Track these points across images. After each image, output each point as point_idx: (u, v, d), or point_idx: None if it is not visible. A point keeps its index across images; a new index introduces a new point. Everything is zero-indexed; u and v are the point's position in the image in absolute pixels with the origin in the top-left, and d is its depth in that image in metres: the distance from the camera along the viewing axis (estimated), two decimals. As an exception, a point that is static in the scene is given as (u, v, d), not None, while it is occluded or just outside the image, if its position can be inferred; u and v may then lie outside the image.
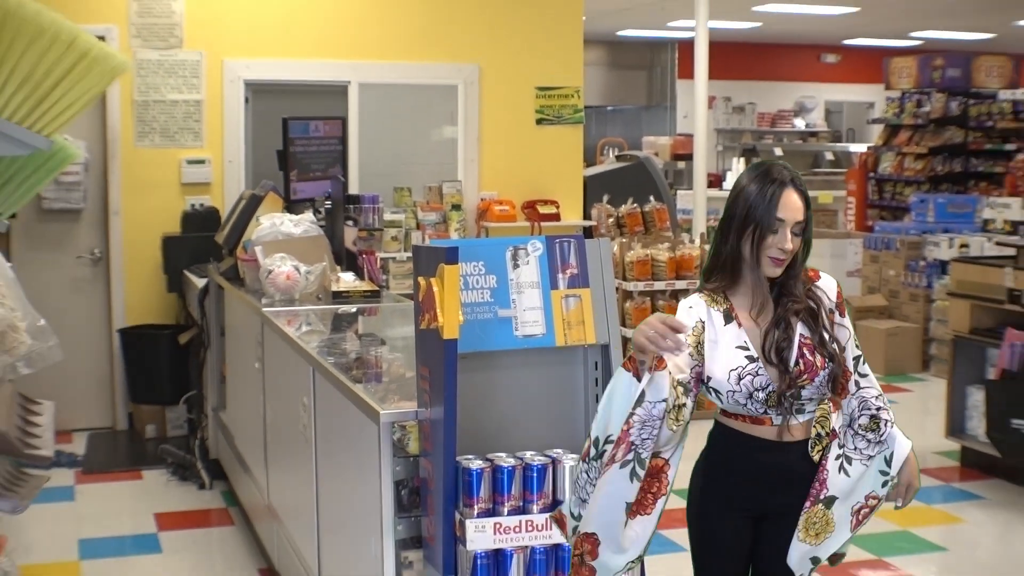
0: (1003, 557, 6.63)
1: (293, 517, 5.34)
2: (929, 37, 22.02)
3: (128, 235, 9.25)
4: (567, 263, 3.59)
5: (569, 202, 10.01)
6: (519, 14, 9.80)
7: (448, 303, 3.28)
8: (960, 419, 8.05)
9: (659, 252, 9.54)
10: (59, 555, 6.52)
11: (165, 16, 9.24)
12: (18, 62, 2.42)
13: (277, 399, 5.66)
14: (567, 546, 3.35)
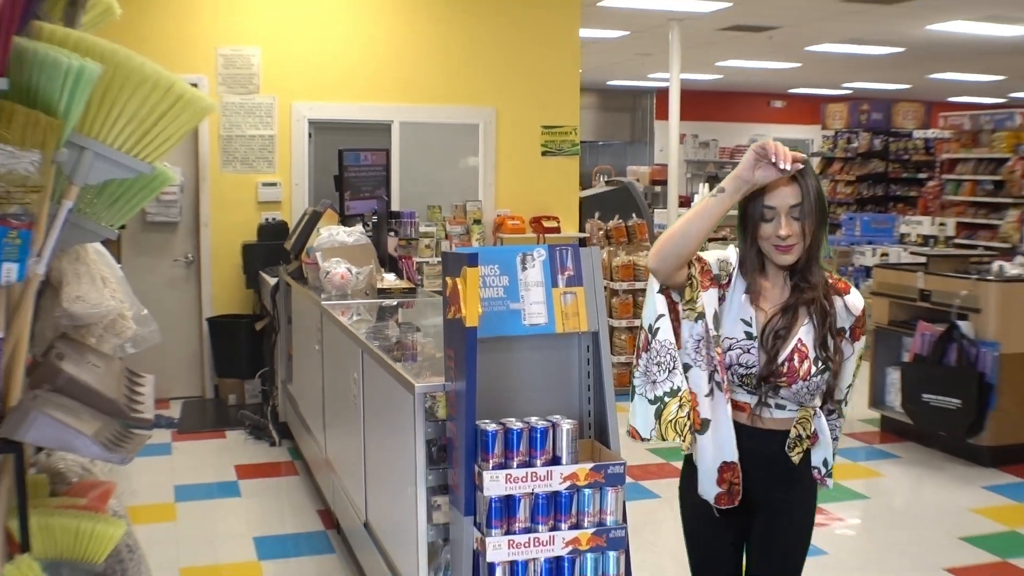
0: (913, 503, 6.65)
1: (345, 469, 5.34)
2: (857, 87, 22.04)
3: (214, 243, 9.25)
4: (565, 266, 3.58)
5: (567, 218, 10.01)
6: (528, 67, 9.79)
7: (469, 298, 3.28)
8: (881, 393, 8.07)
9: (639, 258, 9.55)
10: (159, 498, 6.53)
11: (245, 68, 9.24)
12: (126, 104, 2.42)
13: (333, 374, 5.67)
14: (564, 492, 3.35)
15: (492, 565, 3.31)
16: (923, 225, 13.50)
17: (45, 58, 2.29)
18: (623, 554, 3.45)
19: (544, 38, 9.86)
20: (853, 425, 8.38)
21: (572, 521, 3.37)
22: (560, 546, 3.35)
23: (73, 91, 2.31)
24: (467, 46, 9.69)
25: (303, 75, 9.35)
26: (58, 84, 2.30)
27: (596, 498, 3.39)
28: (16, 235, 2.31)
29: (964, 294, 7.24)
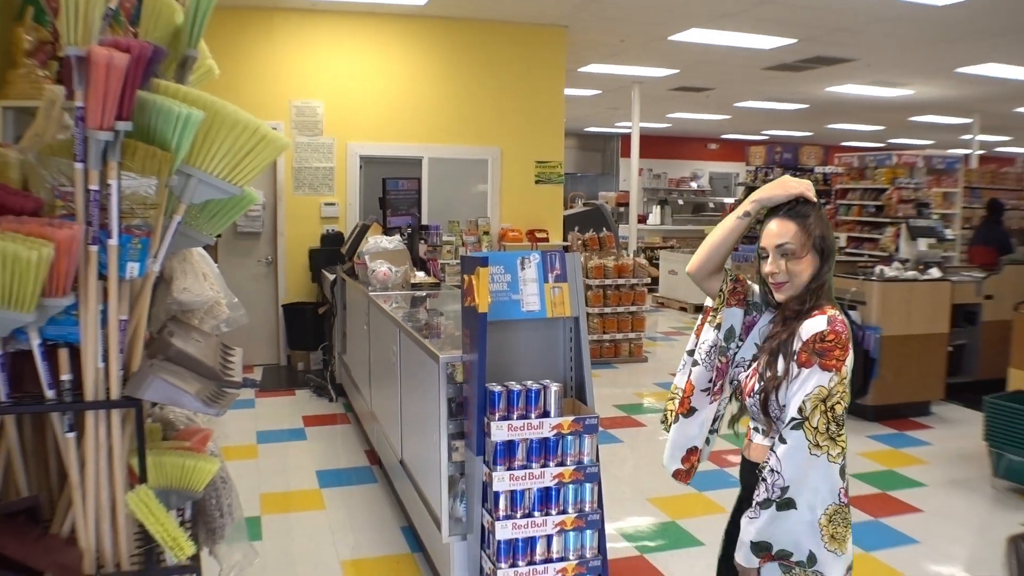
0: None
1: (385, 419, 5.32)
2: (773, 134, 22.01)
3: (288, 248, 9.24)
4: (554, 267, 3.56)
5: (554, 231, 10.00)
6: (525, 117, 9.79)
7: (481, 290, 3.27)
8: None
9: (608, 261, 9.53)
10: (245, 441, 6.51)
11: (312, 116, 9.20)
12: (223, 141, 2.41)
13: (377, 347, 5.65)
14: (552, 438, 3.34)
15: (497, 493, 3.31)
16: (822, 238, 13.47)
17: (161, 107, 2.27)
18: (596, 485, 3.45)
19: (537, 95, 9.84)
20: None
21: (558, 460, 3.37)
22: (549, 479, 3.34)
23: (182, 132, 2.29)
24: (479, 101, 9.67)
25: (355, 122, 9.33)
26: (171, 127, 2.28)
27: (576, 443, 3.38)
28: (138, 241, 2.29)
29: (853, 290, 7.21)
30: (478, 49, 9.63)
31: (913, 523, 5.02)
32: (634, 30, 9.89)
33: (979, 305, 7.98)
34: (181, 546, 2.22)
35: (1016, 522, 5.01)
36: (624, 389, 8.39)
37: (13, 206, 2.20)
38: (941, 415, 7.44)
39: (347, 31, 9.25)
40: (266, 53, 9.08)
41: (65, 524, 2.35)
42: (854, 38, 9.87)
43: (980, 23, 8.98)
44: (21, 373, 2.30)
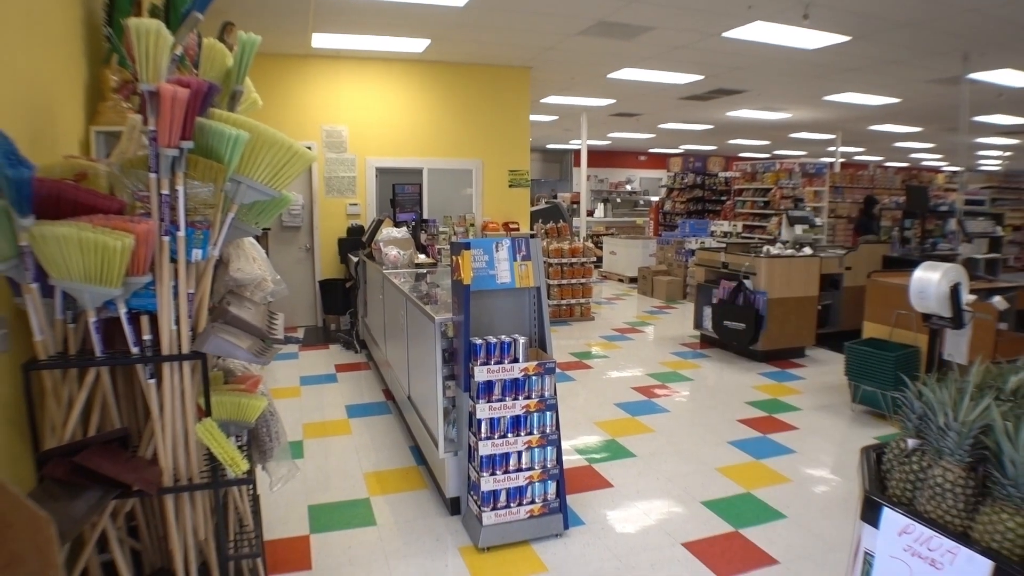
0: (718, 382, 6.61)
1: (397, 365, 5.30)
2: (688, 148, 21.93)
3: (322, 238, 9.13)
4: (521, 249, 3.53)
5: (524, 223, 9.94)
6: (501, 136, 9.71)
7: (465, 267, 3.23)
8: (700, 321, 8.05)
9: (564, 245, 9.50)
10: (290, 383, 6.47)
11: (339, 137, 9.08)
12: (264, 156, 2.36)
13: (390, 311, 5.60)
14: (520, 378, 3.32)
15: (479, 420, 3.30)
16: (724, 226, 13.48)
17: (216, 130, 2.23)
18: (554, 413, 3.45)
19: (509, 119, 9.74)
20: (685, 338, 8.39)
21: (525, 395, 3.36)
22: (519, 409, 3.33)
23: (232, 149, 2.25)
24: (465, 124, 9.56)
25: (373, 141, 9.20)
26: (223, 145, 2.24)
27: (539, 381, 3.37)
28: (200, 233, 2.25)
29: (747, 264, 7.23)
30: (464, 85, 9.51)
31: (792, 438, 5.06)
32: (581, 70, 9.81)
33: (841, 274, 8.03)
34: (238, 463, 2.19)
35: (870, 436, 5.07)
36: (577, 340, 8.39)
37: (103, 207, 2.16)
38: (813, 357, 7.50)
39: (365, 72, 9.12)
40: (303, 89, 8.94)
41: (148, 449, 2.32)
42: (746, 74, 9.84)
43: (841, 62, 8.97)
44: (113, 335, 2.26)
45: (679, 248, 12.12)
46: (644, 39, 7.89)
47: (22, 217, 2.00)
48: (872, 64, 9.04)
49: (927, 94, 11.16)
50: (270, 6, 6.82)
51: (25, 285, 2.13)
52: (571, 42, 8.12)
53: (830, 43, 7.85)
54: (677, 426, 5.30)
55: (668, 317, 10.04)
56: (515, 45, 8.45)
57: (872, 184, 15.07)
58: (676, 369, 6.97)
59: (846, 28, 7.34)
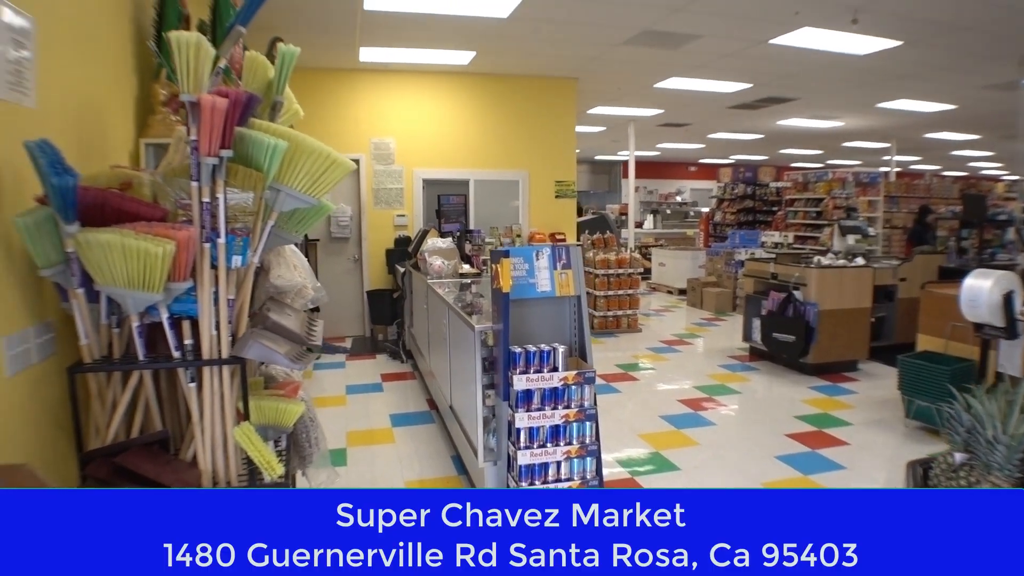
0: (767, 395, 6.48)
1: (439, 375, 5.31)
2: (738, 158, 21.66)
3: (370, 249, 9.24)
4: (561, 257, 3.51)
5: (570, 234, 9.92)
6: (547, 147, 9.72)
7: (504, 275, 3.23)
8: (749, 333, 7.89)
9: (611, 256, 9.44)
10: (336, 392, 6.54)
11: (386, 149, 9.20)
12: (303, 165, 2.39)
13: (433, 321, 5.62)
14: (560, 387, 3.30)
15: (519, 429, 3.28)
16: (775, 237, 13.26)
17: (255, 139, 2.26)
18: (594, 423, 3.41)
19: (555, 130, 9.75)
20: (733, 351, 8.24)
21: (564, 404, 3.33)
22: (558, 418, 3.30)
23: (271, 158, 2.28)
24: (511, 136, 9.60)
25: (420, 153, 9.30)
26: (262, 154, 2.27)
27: (579, 391, 3.34)
28: (240, 240, 2.29)
29: (797, 275, 7.08)
30: (510, 96, 9.55)
31: (842, 453, 4.92)
32: (628, 80, 9.77)
33: (895, 286, 7.81)
34: (274, 468, 2.21)
35: (923, 452, 4.90)
36: (624, 352, 8.32)
37: (146, 214, 2.21)
38: (865, 371, 7.29)
39: (412, 85, 9.22)
40: (351, 102, 9.08)
41: (188, 451, 2.36)
42: (795, 82, 9.68)
43: (894, 68, 8.76)
44: (156, 339, 2.31)
45: (729, 259, 11.95)
46: (690, 48, 7.82)
47: (67, 224, 2.05)
48: (925, 70, 8.81)
49: (983, 100, 10.83)
50: (318, 22, 6.95)
51: (72, 290, 2.19)
52: (617, 52, 8.10)
53: (880, 48, 7.67)
54: (723, 439, 5.20)
55: (717, 329, 9.89)
56: (560, 56, 8.45)
57: (928, 193, 14.68)
58: (724, 382, 6.84)
59: (896, 33, 7.17)
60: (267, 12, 6.66)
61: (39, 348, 2.28)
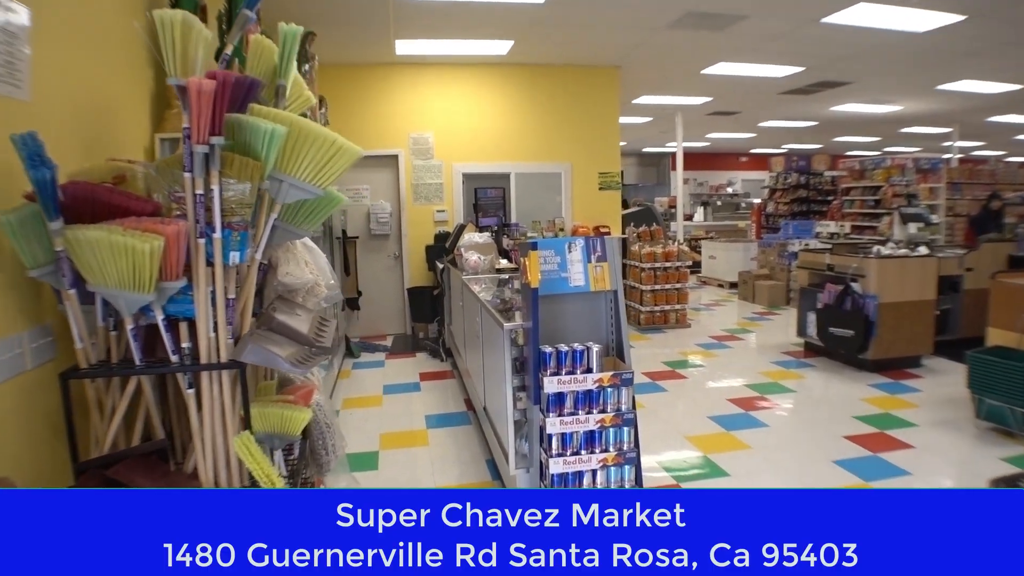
0: (823, 394, 6.14)
1: (475, 374, 5.13)
2: (790, 147, 21.02)
3: (411, 246, 9.11)
4: (595, 249, 3.28)
5: (615, 227, 9.60)
6: (590, 138, 9.45)
7: (532, 269, 3.03)
8: (804, 327, 7.53)
9: (657, 249, 9.14)
10: (374, 392, 6.42)
11: (425, 144, 9.06)
12: (307, 152, 2.26)
13: (468, 319, 5.46)
14: (595, 390, 3.08)
15: (550, 435, 3.07)
16: (830, 227, 12.76)
17: (252, 125, 2.11)
18: (632, 428, 3.17)
19: (598, 120, 9.47)
20: (787, 347, 7.89)
21: (600, 408, 3.11)
22: (593, 423, 3.08)
23: (269, 145, 2.13)
24: (553, 127, 9.36)
25: (459, 147, 9.14)
26: (260, 141, 2.13)
27: (615, 393, 3.12)
28: (238, 235, 2.13)
29: (855, 266, 6.71)
30: (551, 87, 9.32)
31: (906, 457, 4.58)
32: (673, 67, 9.45)
33: (961, 276, 7.37)
34: (273, 481, 2.04)
35: (996, 456, 4.54)
36: (672, 349, 8.03)
37: (136, 209, 2.07)
38: (930, 367, 6.87)
39: (449, 77, 9.06)
40: (389, 97, 8.96)
41: (190, 462, 2.21)
42: (851, 64, 9.23)
43: (956, 45, 8.28)
44: (154, 343, 2.17)
45: (782, 251, 11.53)
46: (737, 29, 7.48)
47: (50, 220, 1.92)
48: (990, 46, 8.30)
49: (1057, 78, 10.23)
50: (351, 14, 6.83)
51: (64, 291, 2.06)
52: (659, 36, 7.80)
53: (942, 24, 7.23)
54: (777, 442, 4.90)
55: (770, 324, 9.51)
56: (600, 43, 8.19)
57: (993, 179, 14.00)
58: (777, 380, 6.52)
59: (960, 6, 6.73)
60: (299, 6, 6.58)
61: (35, 353, 2.16)
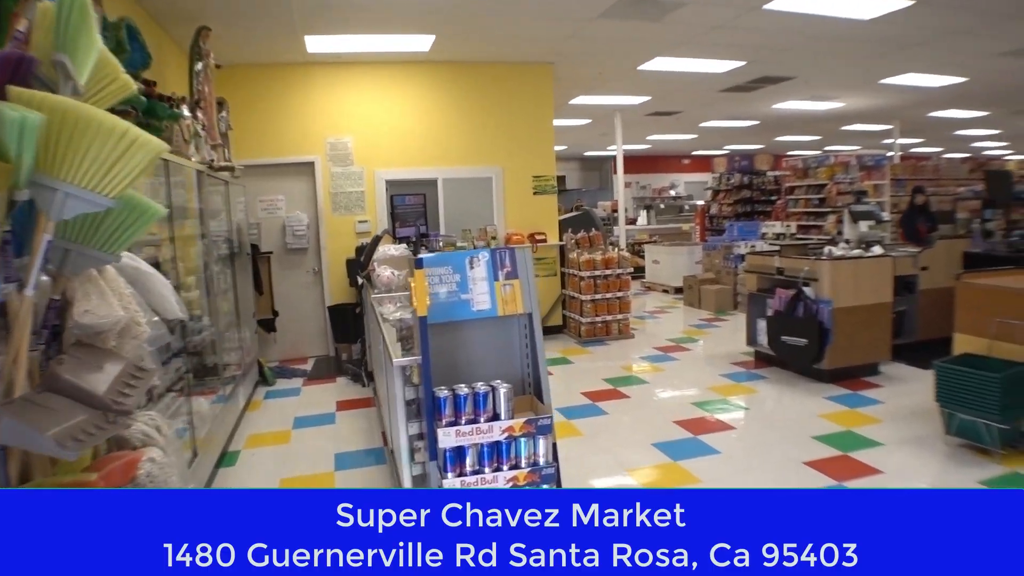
0: (777, 410, 5.66)
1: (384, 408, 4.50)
2: (733, 148, 20.86)
3: (330, 260, 8.43)
4: (504, 264, 2.69)
5: (551, 233, 9.07)
6: (522, 140, 8.89)
7: (418, 294, 2.42)
8: (753, 336, 7.08)
9: (596, 255, 8.62)
10: (282, 427, 5.73)
11: (344, 150, 8.39)
12: (88, 149, 1.70)
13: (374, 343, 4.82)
14: (503, 441, 2.48)
15: (453, 499, 2.46)
16: (775, 227, 12.45)
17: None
18: (555, 484, 2.58)
19: (532, 121, 8.92)
20: (737, 356, 7.43)
21: (511, 463, 2.50)
22: (503, 483, 2.48)
23: (21, 139, 1.51)
24: (483, 129, 8.78)
25: (381, 152, 8.49)
26: (11, 135, 1.51)
27: (530, 445, 2.52)
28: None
29: (807, 269, 6.26)
30: (479, 86, 8.74)
31: (876, 484, 4.09)
32: (608, 62, 8.96)
33: (916, 276, 7.00)
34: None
35: (973, 479, 4.08)
36: (613, 363, 7.51)
37: None
38: (889, 374, 6.47)
39: (369, 77, 8.42)
40: (303, 100, 8.27)
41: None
42: (793, 57, 8.87)
43: (902, 35, 7.97)
44: None
45: (727, 254, 11.14)
46: (675, 18, 7.01)
47: None
48: (936, 35, 8.01)
49: (998, 70, 10.04)
50: (249, 7, 6.15)
51: None
52: (592, 27, 7.28)
53: (888, 10, 6.87)
54: (730, 472, 4.37)
55: (717, 331, 9.07)
56: (528, 36, 7.64)
57: (937, 175, 13.92)
58: (727, 396, 6.03)
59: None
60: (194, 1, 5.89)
61: None
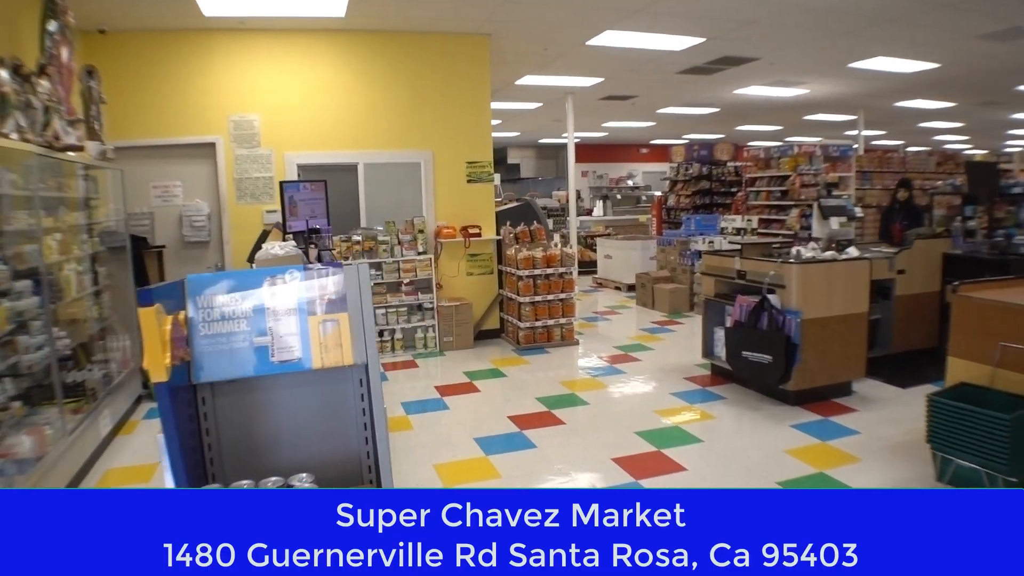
0: (737, 445, 4.79)
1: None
2: (691, 136, 20.12)
3: (235, 254, 7.38)
4: (325, 288, 1.75)
5: (487, 226, 8.13)
6: (455, 122, 7.91)
7: (150, 345, 1.45)
8: (711, 347, 6.23)
9: (536, 252, 7.69)
10: (150, 459, 4.69)
11: (249, 129, 7.34)
12: None
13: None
14: None
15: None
16: (736, 221, 11.65)
17: None
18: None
19: (466, 100, 7.94)
20: (691, 370, 6.58)
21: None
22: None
23: None
24: (409, 108, 7.79)
25: (292, 132, 7.45)
26: None
27: None
28: None
29: (772, 274, 5.40)
30: (404, 59, 7.73)
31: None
32: (553, 35, 8.03)
33: (892, 281, 6.20)
34: None
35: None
36: (551, 376, 6.61)
37: None
38: (863, 394, 5.65)
39: (278, 47, 7.37)
40: (201, 72, 7.19)
41: None
42: (756, 33, 8.04)
43: (872, 12, 7.19)
44: None
45: (683, 250, 10.31)
46: (623, -18, 6.10)
47: None
48: (913, 11, 7.23)
49: (973, 55, 9.36)
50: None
51: None
52: (529, -9, 6.34)
53: (867, -23, 6.05)
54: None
55: (671, 336, 8.23)
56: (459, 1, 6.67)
57: (904, 167, 13.26)
58: (680, 424, 5.14)
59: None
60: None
61: None
